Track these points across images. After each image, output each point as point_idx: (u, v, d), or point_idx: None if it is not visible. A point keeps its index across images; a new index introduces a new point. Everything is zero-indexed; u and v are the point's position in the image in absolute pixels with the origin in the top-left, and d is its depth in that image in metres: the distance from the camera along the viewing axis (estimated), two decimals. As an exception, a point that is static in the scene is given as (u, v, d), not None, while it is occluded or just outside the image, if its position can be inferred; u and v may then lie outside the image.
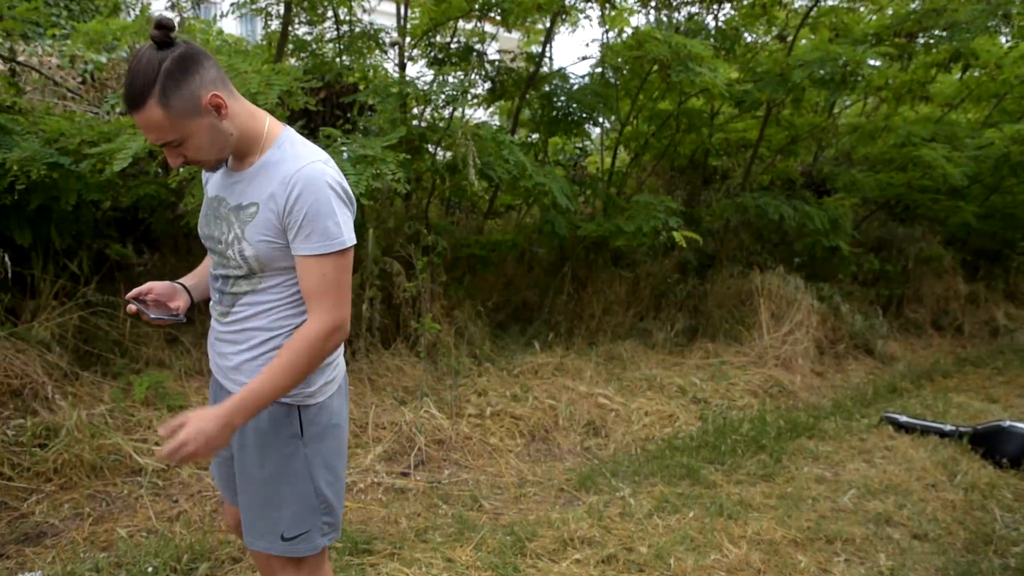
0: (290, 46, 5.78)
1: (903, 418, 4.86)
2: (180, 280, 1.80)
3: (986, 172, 7.86)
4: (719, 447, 4.24)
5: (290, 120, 4.18)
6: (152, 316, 1.67)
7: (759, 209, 6.22)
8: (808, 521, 3.38)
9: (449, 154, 4.87)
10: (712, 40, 6.08)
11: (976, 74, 8.28)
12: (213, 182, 1.68)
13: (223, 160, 1.57)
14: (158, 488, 3.28)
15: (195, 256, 5.27)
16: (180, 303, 1.74)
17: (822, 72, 5.58)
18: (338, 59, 5.74)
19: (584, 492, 3.61)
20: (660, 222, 4.88)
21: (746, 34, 6.94)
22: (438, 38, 6.24)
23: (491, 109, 7.33)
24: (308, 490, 1.66)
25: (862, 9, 7.67)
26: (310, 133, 4.31)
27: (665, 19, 6.90)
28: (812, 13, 7.00)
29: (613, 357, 5.36)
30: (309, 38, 5.93)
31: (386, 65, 5.87)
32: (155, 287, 1.72)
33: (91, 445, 3.29)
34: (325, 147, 3.74)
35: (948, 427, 4.66)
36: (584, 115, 6.03)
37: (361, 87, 5.32)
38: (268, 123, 1.59)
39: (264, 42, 5.65)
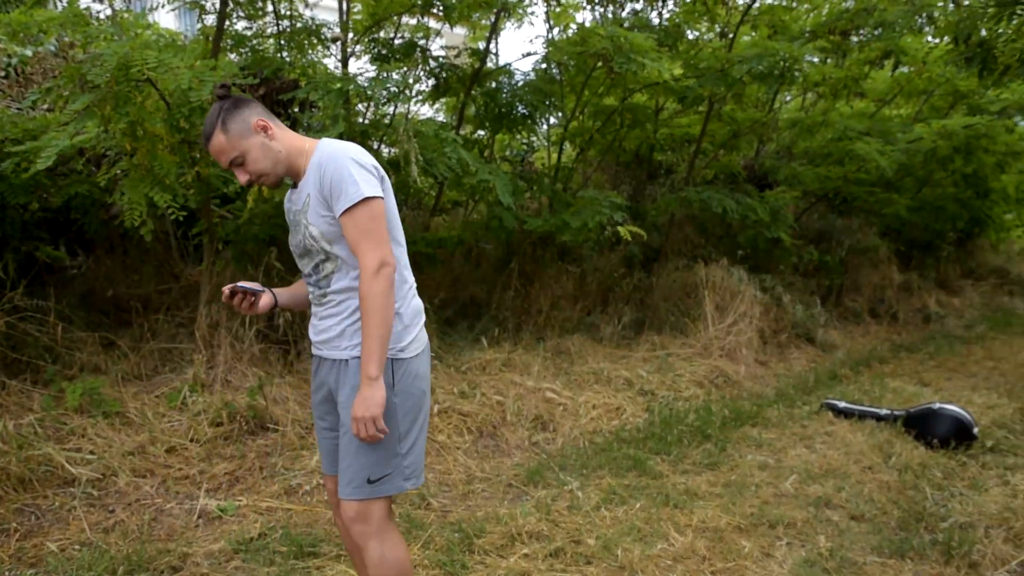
0: (229, 41, 5.65)
1: (842, 404, 5.01)
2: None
3: (917, 165, 8.15)
4: (665, 438, 4.30)
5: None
6: (247, 286, 2.00)
7: (703, 203, 6.33)
8: (752, 507, 3.46)
9: (394, 151, 4.82)
10: (655, 36, 6.15)
11: (906, 71, 8.58)
12: (287, 203, 2.05)
13: (280, 174, 1.95)
14: (92, 499, 3.18)
15: (132, 258, 5.11)
16: (266, 296, 2.08)
17: (761, 68, 5.70)
18: (279, 55, 5.63)
19: (532, 487, 3.63)
20: (605, 217, 4.92)
21: (689, 32, 7.05)
22: (382, 34, 6.17)
23: (436, 106, 7.28)
24: (393, 435, 1.92)
25: (799, 7, 7.87)
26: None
27: (611, 16, 6.96)
28: (752, 10, 7.15)
29: (561, 351, 5.39)
30: (249, 33, 5.80)
31: (327, 61, 5.78)
32: (243, 283, 2.05)
33: (18, 456, 3.16)
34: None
35: (884, 411, 4.82)
36: (529, 111, 6.03)
37: (302, 83, 5.22)
38: (307, 141, 1.98)
39: (201, 37, 5.50)
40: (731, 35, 7.16)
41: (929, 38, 7.89)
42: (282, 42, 5.75)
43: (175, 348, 4.57)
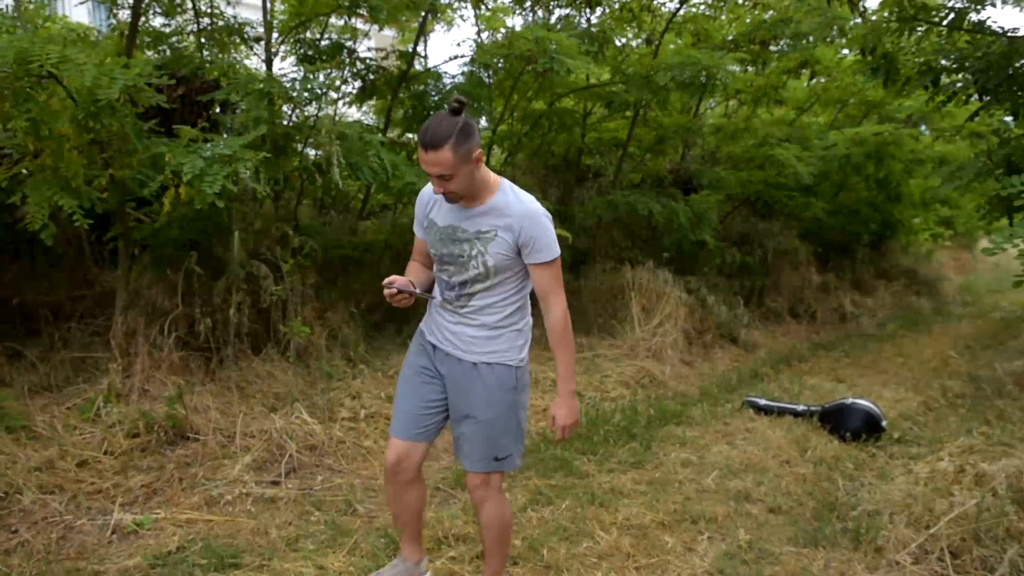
0: (147, 38, 5.46)
1: (762, 401, 5.19)
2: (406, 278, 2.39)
3: (833, 171, 8.53)
4: (592, 438, 4.36)
5: (144, 118, 3.95)
6: (418, 291, 2.31)
7: (629, 206, 6.45)
8: (675, 504, 3.54)
9: (319, 153, 4.75)
10: (582, 41, 6.24)
11: (823, 80, 8.96)
12: (443, 216, 2.28)
13: (463, 197, 2.20)
14: (-6, 517, 3.01)
15: (40, 263, 4.88)
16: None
17: (684, 77, 5.85)
18: (200, 54, 5.48)
19: (460, 490, 3.62)
20: (532, 220, 4.95)
21: (618, 39, 7.18)
22: (308, 34, 6.08)
23: (364, 108, 7.21)
24: (513, 425, 2.37)
25: (722, 17, 8.13)
26: (166, 132, 4.09)
27: (540, 21, 7.02)
28: (677, 18, 7.34)
29: (490, 355, 5.39)
30: (168, 30, 5.63)
31: (251, 62, 5.65)
32: (397, 279, 2.27)
33: (-88, 475, 2.98)
34: (183, 147, 3.58)
35: (801, 407, 5.02)
36: (457, 115, 6.02)
37: (224, 84, 5.09)
38: (492, 176, 2.27)
39: (116, 33, 5.30)
40: (657, 42, 7.33)
41: (844, 51, 8.28)
42: (203, 41, 5.60)
43: (88, 357, 4.39)
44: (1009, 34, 4.06)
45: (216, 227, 4.69)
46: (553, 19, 7.09)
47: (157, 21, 5.44)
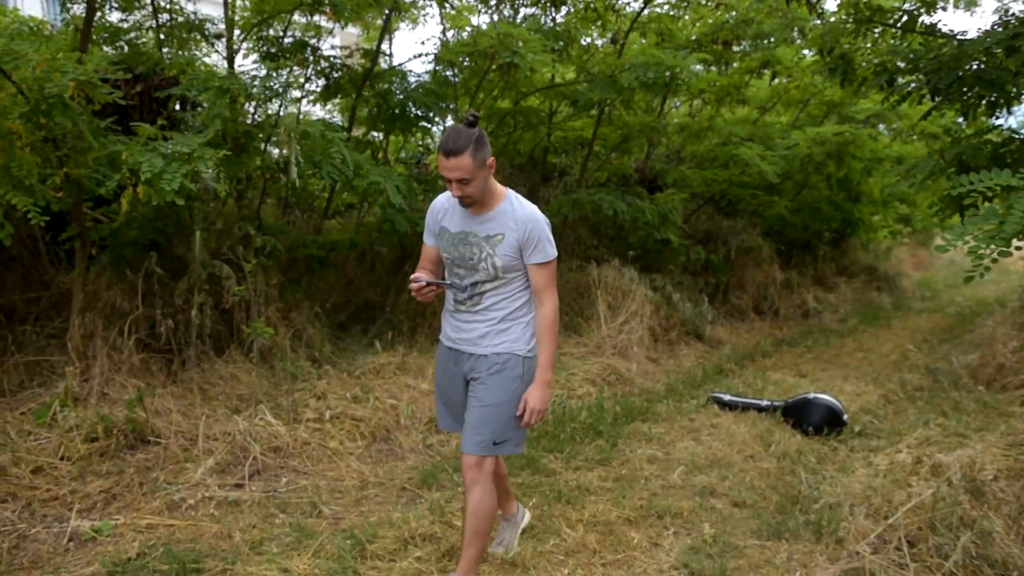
0: (104, 34, 5.34)
1: (727, 397, 5.25)
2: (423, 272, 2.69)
3: (795, 170, 8.66)
4: (558, 436, 4.38)
5: (101, 115, 3.86)
6: (438, 281, 2.59)
7: (595, 205, 6.48)
8: (641, 500, 3.57)
9: (285, 151, 4.69)
10: (547, 39, 6.25)
11: (784, 80, 9.10)
12: (455, 223, 2.56)
13: (476, 202, 2.47)
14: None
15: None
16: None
17: (648, 77, 5.89)
18: (160, 51, 5.37)
19: (427, 489, 3.61)
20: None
21: (583, 38, 7.21)
22: (271, 31, 6.00)
23: (329, 107, 7.14)
24: (513, 413, 2.55)
25: (686, 17, 8.21)
26: (125, 131, 4.01)
27: (507, 19, 7.02)
28: (641, 18, 7.39)
29: (458, 353, 5.38)
30: (126, 25, 5.50)
31: (208, 59, 5.56)
32: (422, 275, 2.59)
33: None
34: (142, 145, 3.51)
35: (764, 402, 5.09)
36: (422, 113, 6.00)
37: (184, 81, 5.01)
38: (498, 187, 2.54)
39: (71, 28, 5.17)
40: (621, 42, 7.38)
41: (806, 52, 8.41)
42: (162, 37, 5.49)
43: (44, 361, 4.28)
44: (959, 37, 4.16)
45: (177, 227, 4.61)
46: (519, 18, 7.10)
47: (114, 16, 5.32)
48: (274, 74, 5.58)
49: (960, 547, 2.87)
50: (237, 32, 5.67)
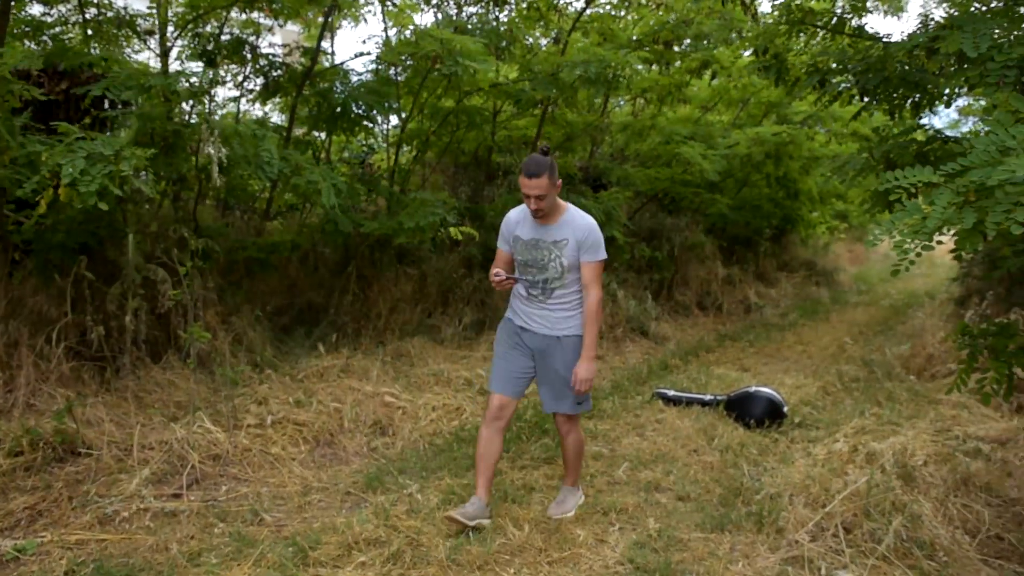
0: (26, 27, 5.12)
1: (671, 392, 5.32)
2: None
3: (736, 168, 8.84)
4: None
5: (19, 112, 3.70)
6: (516, 276, 3.26)
7: (540, 203, 6.47)
8: (587, 497, 3.58)
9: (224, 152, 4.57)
10: (490, 40, 6.24)
11: (724, 80, 9.27)
12: (527, 232, 3.19)
13: (546, 214, 3.10)
14: None
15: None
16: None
17: (590, 74, 5.93)
18: (88, 47, 5.18)
19: (371, 493, 3.56)
20: (438, 218, 4.93)
21: (526, 37, 7.22)
22: (207, 28, 5.84)
23: (270, 106, 7.00)
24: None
25: (628, 17, 8.30)
26: (47, 130, 3.84)
27: (452, 16, 6.98)
28: (583, 18, 7.44)
29: (401, 355, 5.33)
30: (50, 19, 5.29)
31: (141, 56, 5.39)
32: (500, 270, 3.21)
33: None
34: (65, 145, 3.37)
35: (708, 397, 5.17)
36: (364, 112, 5.93)
37: (109, 78, 4.83)
38: (561, 202, 3.18)
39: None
40: (564, 41, 7.42)
41: (745, 52, 8.58)
42: (89, 32, 5.30)
43: (-35, 371, 4.08)
44: (884, 39, 4.30)
45: (109, 230, 4.45)
46: (464, 16, 7.07)
47: (36, 9, 5.11)
48: (200, 71, 5.43)
49: (892, 531, 2.97)
50: (171, 29, 5.51)
